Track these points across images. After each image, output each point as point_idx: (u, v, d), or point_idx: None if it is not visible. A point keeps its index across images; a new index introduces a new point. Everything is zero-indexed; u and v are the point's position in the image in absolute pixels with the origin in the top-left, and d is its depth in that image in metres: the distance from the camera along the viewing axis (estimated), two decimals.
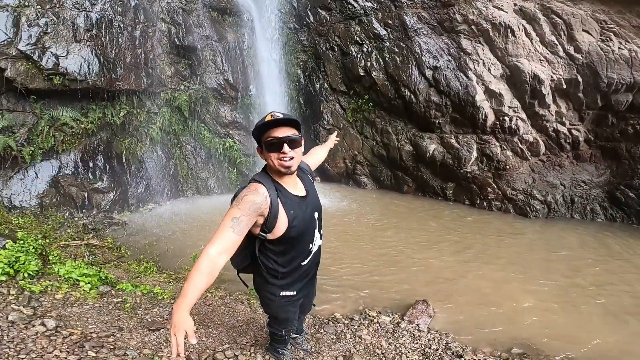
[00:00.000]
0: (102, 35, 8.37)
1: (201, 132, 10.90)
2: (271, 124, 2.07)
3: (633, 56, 9.13)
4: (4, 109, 7.14)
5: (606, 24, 9.43)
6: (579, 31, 9.53)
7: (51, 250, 5.17)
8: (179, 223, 8.22)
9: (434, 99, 10.72)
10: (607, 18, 9.44)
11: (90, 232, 6.89)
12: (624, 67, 9.17)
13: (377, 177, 12.26)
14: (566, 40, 9.64)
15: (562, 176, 10.24)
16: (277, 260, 2.33)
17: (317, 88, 12.81)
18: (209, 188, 10.59)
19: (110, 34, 8.54)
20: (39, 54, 7.40)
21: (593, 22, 9.52)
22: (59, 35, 7.72)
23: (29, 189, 7.34)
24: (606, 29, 9.44)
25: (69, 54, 7.78)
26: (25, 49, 7.25)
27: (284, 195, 2.18)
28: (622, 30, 9.35)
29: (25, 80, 7.17)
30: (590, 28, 9.52)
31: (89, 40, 8.13)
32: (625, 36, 9.31)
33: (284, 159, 2.10)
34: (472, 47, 10.30)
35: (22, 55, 7.21)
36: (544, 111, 9.96)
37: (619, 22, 9.39)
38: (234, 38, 11.29)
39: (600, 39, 9.48)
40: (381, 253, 6.92)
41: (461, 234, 8.22)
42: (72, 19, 7.92)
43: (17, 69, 7.14)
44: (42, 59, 7.41)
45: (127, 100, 9.19)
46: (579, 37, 9.52)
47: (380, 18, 11.41)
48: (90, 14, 8.19)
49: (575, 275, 6.39)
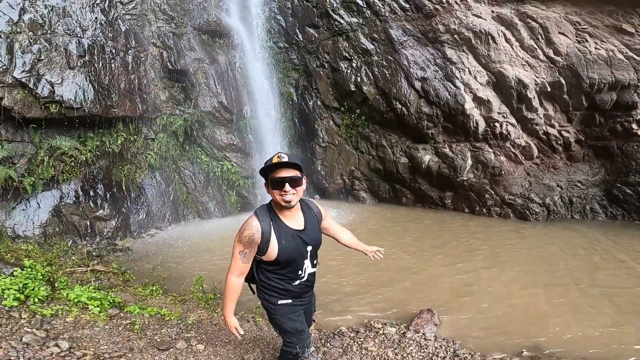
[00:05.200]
0: (95, 61, 8.50)
1: (198, 156, 10.98)
2: (277, 165, 2.46)
3: (611, 55, 9.42)
4: (3, 139, 7.21)
5: (580, 25, 9.75)
6: (556, 34, 9.84)
7: (58, 277, 5.21)
8: (181, 247, 8.25)
9: (425, 110, 10.93)
10: (580, 19, 9.77)
11: (95, 258, 6.89)
12: (603, 67, 9.46)
13: (376, 191, 12.34)
14: (544, 43, 9.94)
15: (558, 178, 10.40)
16: (270, 276, 2.74)
17: (310, 106, 13.01)
18: (210, 211, 10.61)
19: (103, 59, 8.67)
20: (34, 82, 7.49)
21: (568, 24, 9.85)
22: (52, 62, 7.83)
23: (32, 218, 7.36)
24: (581, 30, 9.76)
25: (63, 81, 7.88)
26: (20, 76, 7.33)
27: (278, 226, 2.60)
28: (596, 31, 9.67)
29: (22, 109, 7.25)
30: (566, 30, 9.83)
31: (83, 67, 8.25)
32: (600, 36, 9.63)
33: (285, 195, 2.49)
34: (457, 56, 10.59)
35: (18, 83, 7.30)
36: (532, 115, 10.20)
37: (591, 22, 9.71)
38: (226, 60, 11.51)
39: (577, 41, 9.78)
40: (383, 265, 6.89)
41: (462, 242, 8.27)
42: (64, 45, 8.04)
43: (14, 98, 7.22)
44: (37, 87, 7.50)
45: (123, 127, 9.29)
46: (556, 39, 9.82)
47: (367, 33, 11.71)
48: (82, 39, 8.32)
49: (582, 276, 6.39)
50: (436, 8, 10.62)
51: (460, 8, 10.41)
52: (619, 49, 9.40)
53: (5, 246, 5.97)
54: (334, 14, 11.92)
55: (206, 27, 11.29)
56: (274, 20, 13.15)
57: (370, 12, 11.49)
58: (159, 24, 10.46)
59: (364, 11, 11.59)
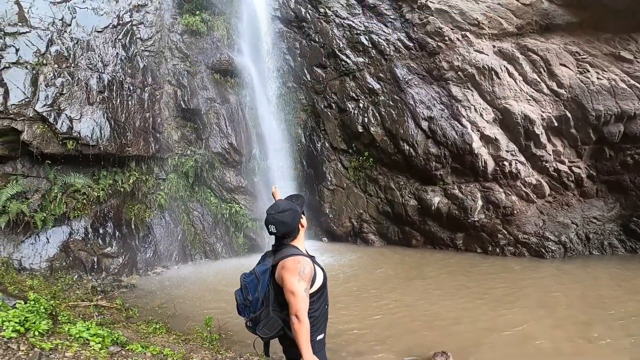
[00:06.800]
0: (113, 97, 8.81)
1: (207, 198, 11.04)
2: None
3: (613, 85, 9.47)
4: (19, 173, 7.37)
5: (580, 55, 9.91)
6: (557, 66, 10.00)
7: (61, 311, 5.12)
8: (187, 286, 8.13)
9: (433, 151, 10.94)
10: (579, 49, 9.94)
11: (99, 293, 6.80)
12: (607, 98, 9.50)
13: (384, 233, 12.10)
14: (547, 76, 10.07)
15: (572, 215, 10.15)
16: (313, 307, 2.61)
17: (318, 148, 13.14)
18: (217, 252, 10.50)
19: (121, 96, 8.99)
20: (54, 116, 7.73)
21: (568, 55, 10.02)
22: (73, 97, 8.10)
23: (40, 252, 7.37)
24: (581, 60, 9.90)
25: (82, 117, 8.13)
26: (42, 110, 7.57)
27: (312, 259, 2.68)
28: (596, 60, 9.80)
29: (41, 144, 7.46)
30: (567, 61, 9.99)
31: (101, 103, 8.55)
32: (601, 65, 9.75)
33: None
34: (462, 94, 10.74)
35: (39, 117, 7.55)
36: (541, 152, 10.16)
37: (590, 51, 9.87)
38: (236, 100, 11.84)
39: (579, 71, 9.89)
40: (395, 307, 6.73)
41: (476, 282, 8.00)
42: (85, 79, 8.37)
43: (34, 132, 7.45)
44: (57, 122, 7.73)
45: (136, 166, 9.46)
46: (558, 71, 9.96)
47: (373, 72, 12.02)
48: (102, 75, 8.69)
49: (602, 313, 6.13)
50: (439, 45, 10.95)
51: (462, 44, 10.72)
52: (620, 78, 9.48)
53: (10, 277, 5.94)
54: (341, 53, 12.34)
55: (219, 66, 11.71)
56: (283, 60, 13.58)
57: (376, 52, 11.88)
58: (175, 62, 10.96)
59: (370, 50, 11.99)
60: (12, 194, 7.09)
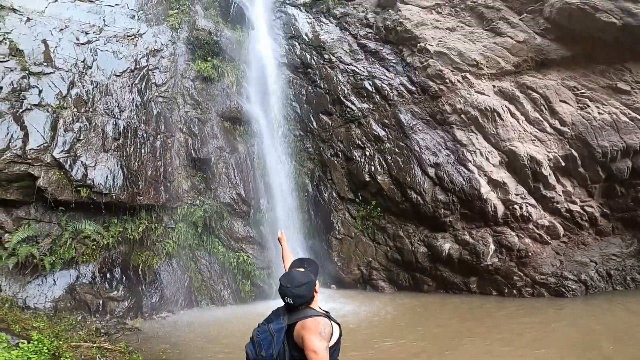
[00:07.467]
0: (127, 145, 9.00)
1: (215, 247, 11.00)
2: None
3: (615, 119, 9.56)
4: (32, 218, 7.47)
5: (578, 89, 10.09)
6: (557, 103, 10.16)
7: (63, 352, 4.98)
8: (192, 332, 7.89)
9: (441, 198, 10.87)
10: (577, 83, 10.15)
11: (103, 335, 6.60)
12: (611, 133, 9.56)
13: (395, 280, 11.69)
14: (549, 114, 10.22)
15: (590, 254, 9.83)
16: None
17: (325, 197, 13.16)
18: (224, 299, 10.26)
19: (135, 143, 9.17)
20: (70, 163, 7.89)
21: (566, 91, 10.21)
22: (89, 143, 8.27)
23: (45, 293, 7.29)
24: (580, 95, 10.06)
25: (97, 164, 8.29)
26: (59, 156, 7.73)
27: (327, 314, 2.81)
28: (594, 94, 9.97)
29: (55, 190, 7.62)
30: (566, 97, 10.16)
31: (116, 150, 8.74)
32: (600, 99, 9.90)
33: None
34: (466, 138, 10.89)
35: (56, 164, 7.73)
36: (551, 193, 10.07)
37: (588, 85, 10.06)
38: (245, 149, 12.11)
39: (579, 107, 10.03)
40: (407, 357, 6.41)
41: (496, 327, 7.62)
42: (102, 125, 8.55)
43: (50, 179, 7.62)
44: (72, 169, 7.89)
45: (146, 215, 9.56)
46: (559, 109, 10.11)
47: (378, 118, 12.30)
48: (118, 121, 8.91)
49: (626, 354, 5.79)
50: (441, 88, 11.32)
51: (463, 86, 11.06)
52: (621, 111, 9.60)
53: (14, 316, 5.82)
54: (346, 100, 12.74)
55: (228, 114, 12.10)
56: (289, 107, 13.98)
57: (380, 97, 12.26)
58: (187, 108, 11.37)
59: (374, 96, 12.38)
60: (22, 238, 7.16)
